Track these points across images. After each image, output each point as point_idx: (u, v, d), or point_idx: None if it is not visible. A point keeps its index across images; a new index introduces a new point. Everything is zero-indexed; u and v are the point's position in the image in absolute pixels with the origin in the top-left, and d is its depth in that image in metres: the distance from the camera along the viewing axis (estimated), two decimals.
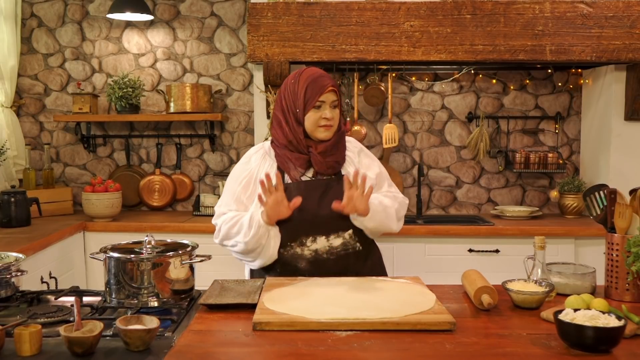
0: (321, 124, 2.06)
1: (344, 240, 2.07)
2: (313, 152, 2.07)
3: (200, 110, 3.76)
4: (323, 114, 2.05)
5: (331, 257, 2.05)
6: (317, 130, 2.07)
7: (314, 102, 2.04)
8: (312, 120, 2.06)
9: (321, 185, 2.08)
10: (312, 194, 2.06)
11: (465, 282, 1.85)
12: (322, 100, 2.05)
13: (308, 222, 2.04)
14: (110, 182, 3.62)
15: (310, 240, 2.05)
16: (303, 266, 2.05)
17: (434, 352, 1.39)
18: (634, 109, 3.42)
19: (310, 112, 2.05)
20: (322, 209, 2.04)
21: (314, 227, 2.05)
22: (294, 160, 2.08)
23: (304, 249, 2.05)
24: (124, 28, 3.97)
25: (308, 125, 2.07)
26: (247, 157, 2.20)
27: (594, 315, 1.42)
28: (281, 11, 3.27)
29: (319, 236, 2.05)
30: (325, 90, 2.04)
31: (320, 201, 2.05)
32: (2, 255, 1.92)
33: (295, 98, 2.07)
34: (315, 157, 2.07)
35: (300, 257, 2.05)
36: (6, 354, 1.39)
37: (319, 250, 2.05)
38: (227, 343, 1.46)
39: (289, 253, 2.06)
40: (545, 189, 3.89)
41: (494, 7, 3.23)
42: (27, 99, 4.04)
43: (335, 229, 2.06)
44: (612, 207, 1.87)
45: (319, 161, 2.07)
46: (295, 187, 2.06)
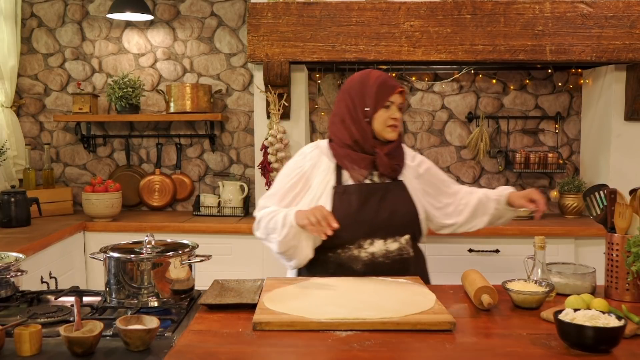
0: (389, 124, 2.08)
1: (400, 245, 2.08)
2: (379, 153, 2.07)
3: (200, 110, 3.76)
4: (392, 114, 2.07)
5: (386, 260, 2.05)
6: (385, 130, 2.08)
7: (384, 101, 2.06)
8: (382, 119, 2.07)
9: (381, 189, 2.08)
10: (372, 197, 2.06)
11: (465, 282, 1.85)
12: (392, 100, 2.07)
13: (367, 225, 2.04)
14: (110, 182, 3.62)
15: (368, 243, 2.04)
16: (359, 268, 2.04)
17: (434, 352, 1.39)
18: (634, 109, 3.42)
19: (380, 111, 2.07)
20: (381, 213, 2.05)
21: (372, 230, 2.04)
22: (358, 160, 2.08)
23: (361, 251, 2.04)
24: (124, 28, 3.97)
25: (377, 125, 2.08)
26: (302, 154, 2.19)
27: (594, 315, 1.42)
28: (281, 11, 3.27)
29: (376, 239, 2.05)
30: (395, 91, 2.07)
31: (380, 205, 2.05)
32: (2, 255, 1.92)
33: (365, 97, 2.08)
34: (381, 158, 2.07)
35: (356, 259, 2.04)
36: (6, 354, 1.39)
37: (376, 253, 2.05)
38: (227, 343, 1.46)
39: (346, 254, 2.04)
40: (545, 189, 3.89)
41: (494, 7, 3.23)
42: (27, 99, 4.04)
43: (393, 233, 2.06)
44: (612, 207, 1.87)
45: (385, 163, 2.07)
46: (356, 190, 2.06)
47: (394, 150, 2.11)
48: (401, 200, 2.08)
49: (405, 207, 2.09)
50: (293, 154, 3.50)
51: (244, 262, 3.41)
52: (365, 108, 2.07)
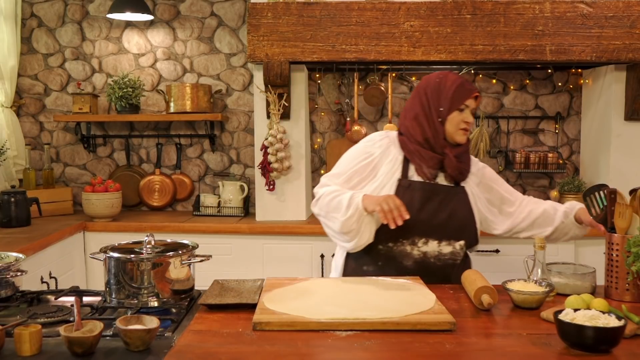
0: (461, 127, 2.08)
1: (453, 249, 2.08)
2: (448, 154, 2.07)
3: (200, 110, 3.76)
4: (465, 117, 2.07)
5: (438, 262, 2.06)
6: (457, 132, 2.08)
7: (460, 104, 2.06)
8: (455, 122, 2.07)
9: (444, 191, 2.08)
10: (435, 198, 2.06)
11: (465, 282, 1.85)
12: (467, 104, 2.07)
13: (425, 224, 2.04)
14: (110, 182, 3.62)
15: (423, 242, 2.05)
16: (409, 265, 2.05)
17: (434, 352, 1.39)
18: (634, 109, 3.42)
19: (454, 113, 2.07)
20: (440, 215, 2.05)
21: (429, 230, 2.05)
22: (427, 159, 2.07)
23: (414, 248, 2.05)
24: (124, 28, 3.97)
25: (449, 127, 2.08)
26: (370, 140, 2.18)
27: (594, 315, 1.42)
28: (281, 11, 3.27)
29: (431, 240, 2.06)
30: (472, 95, 2.08)
31: (440, 207, 2.06)
32: (2, 255, 1.92)
33: (441, 97, 2.08)
34: (450, 159, 2.07)
35: (408, 255, 2.05)
36: (6, 354, 1.39)
37: (428, 253, 2.06)
38: (227, 343, 1.46)
39: (398, 249, 2.05)
40: (545, 189, 3.89)
41: (494, 7, 3.23)
42: (27, 99, 4.04)
43: (449, 237, 2.07)
44: (612, 207, 1.87)
45: (453, 164, 2.07)
46: (420, 187, 2.06)
47: (463, 154, 2.12)
48: (461, 206, 2.09)
49: (463, 213, 2.09)
50: (293, 154, 3.53)
51: (244, 262, 3.41)
52: (440, 108, 2.08)
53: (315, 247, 3.36)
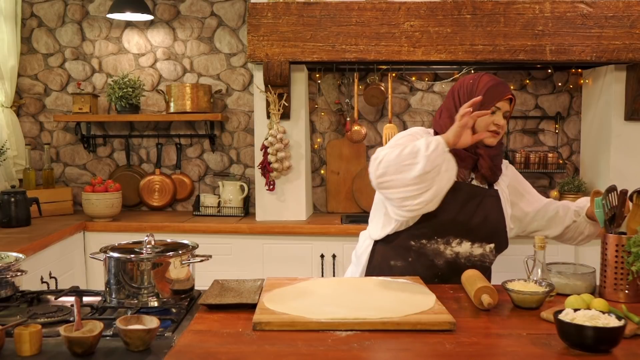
0: (491, 129, 2.04)
1: (484, 251, 2.07)
2: (483, 154, 2.04)
3: (200, 110, 3.76)
4: (495, 119, 2.03)
5: (468, 264, 2.05)
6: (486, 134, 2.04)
7: (490, 105, 2.02)
8: (485, 123, 2.03)
9: (481, 193, 2.06)
10: (473, 200, 2.04)
11: (465, 282, 1.85)
12: (498, 106, 2.03)
13: (462, 225, 2.03)
14: (110, 182, 3.62)
15: (457, 242, 2.04)
16: (440, 263, 2.04)
17: (434, 352, 1.39)
18: (634, 109, 3.42)
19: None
20: (476, 217, 2.04)
21: (464, 230, 2.03)
22: (463, 158, 2.03)
23: (447, 247, 2.04)
24: (124, 28, 3.97)
25: (480, 128, 2.03)
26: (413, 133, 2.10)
27: (594, 315, 1.42)
28: (281, 11, 3.27)
29: (465, 241, 2.05)
30: (504, 97, 2.03)
31: (477, 208, 2.04)
32: (2, 255, 1.92)
33: (473, 96, 2.03)
34: (484, 159, 2.05)
35: (441, 254, 2.04)
36: (6, 354, 1.39)
37: (460, 254, 2.05)
38: (227, 343, 1.46)
39: (432, 247, 2.04)
40: (545, 189, 3.89)
41: (494, 7, 3.23)
42: (27, 99, 4.04)
43: (481, 239, 2.06)
44: (623, 207, 1.86)
45: (487, 165, 2.05)
46: (464, 188, 2.04)
47: (497, 156, 2.09)
48: (494, 209, 2.07)
49: (496, 216, 2.07)
50: (293, 154, 3.53)
51: (244, 262, 3.41)
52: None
53: (315, 247, 3.36)
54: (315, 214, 3.82)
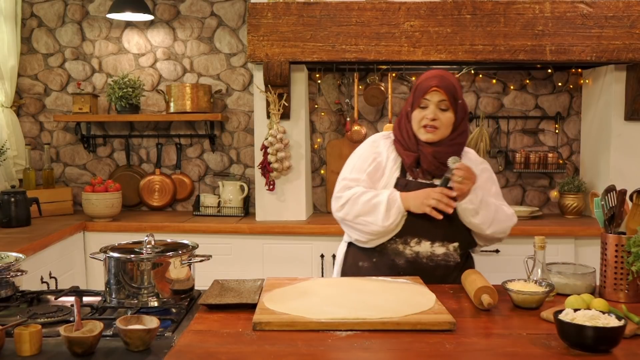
0: (422, 124, 2.04)
1: (447, 251, 2.06)
2: (423, 151, 2.05)
3: (200, 110, 3.76)
4: (426, 113, 2.03)
5: (430, 263, 2.04)
6: (419, 130, 2.06)
7: (419, 100, 2.04)
8: (417, 119, 2.05)
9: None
10: None
11: (465, 282, 1.85)
12: (427, 99, 2.03)
13: (418, 224, 2.02)
14: (110, 182, 3.62)
15: (415, 242, 2.04)
16: (401, 264, 2.04)
17: (434, 352, 1.39)
18: (634, 109, 3.42)
19: (416, 110, 2.06)
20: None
21: (422, 230, 2.03)
22: (404, 156, 2.07)
23: (406, 247, 2.04)
24: (124, 28, 3.97)
25: (413, 124, 2.07)
26: (374, 140, 2.18)
27: (594, 315, 1.42)
28: (281, 11, 3.27)
29: (424, 240, 2.04)
30: (429, 90, 2.02)
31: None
32: (2, 255, 1.92)
33: (410, 96, 2.10)
34: (424, 156, 2.05)
35: (400, 254, 2.05)
36: (6, 354, 1.39)
37: (421, 253, 2.04)
38: (227, 343, 1.46)
39: (392, 247, 2.05)
40: (545, 189, 3.89)
41: (494, 7, 3.23)
42: (27, 99, 4.04)
43: (442, 238, 2.05)
44: (622, 207, 1.86)
45: (429, 161, 2.05)
46: (415, 186, 2.05)
47: (443, 153, 2.04)
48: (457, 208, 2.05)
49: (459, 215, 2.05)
50: (293, 154, 3.53)
51: (244, 262, 3.41)
52: (408, 107, 2.09)
53: (315, 247, 3.36)
54: (315, 214, 3.82)
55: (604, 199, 1.89)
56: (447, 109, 2.03)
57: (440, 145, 2.06)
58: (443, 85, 2.02)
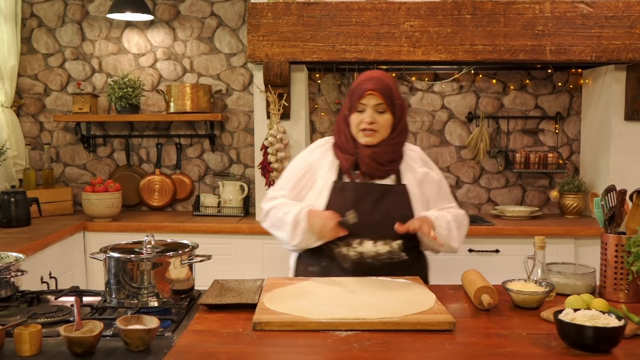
0: (361, 127, 2.03)
1: (391, 248, 2.04)
2: (360, 153, 2.04)
3: (200, 110, 3.76)
4: (364, 117, 2.02)
5: (375, 263, 2.03)
6: (358, 134, 2.05)
7: (356, 104, 2.03)
8: (354, 123, 2.05)
9: (378, 190, 2.04)
10: (367, 198, 2.03)
11: (465, 282, 1.85)
12: (364, 103, 2.01)
13: (357, 225, 2.00)
14: (110, 182, 3.62)
15: (357, 243, 2.03)
16: (347, 266, 2.03)
17: (434, 352, 1.39)
18: (634, 109, 3.42)
19: (354, 114, 2.04)
20: (374, 215, 2.02)
21: (362, 230, 2.01)
22: (342, 160, 2.07)
23: (350, 249, 2.03)
24: (124, 28, 3.97)
25: (352, 128, 2.06)
26: (312, 148, 2.20)
27: (594, 315, 1.42)
28: (281, 11, 3.27)
29: (366, 240, 2.03)
30: (365, 94, 2.00)
31: (374, 206, 2.03)
32: (2, 255, 1.92)
33: (347, 100, 2.09)
34: (362, 158, 2.04)
35: (345, 256, 2.04)
36: (6, 354, 1.39)
37: (365, 254, 2.03)
38: (227, 343, 1.46)
39: (336, 250, 2.04)
40: (545, 189, 3.89)
41: (494, 7, 3.23)
42: (27, 99, 4.04)
43: (384, 236, 2.02)
44: (622, 207, 1.86)
45: (367, 163, 2.04)
46: (353, 187, 2.05)
47: (382, 154, 2.03)
48: (399, 204, 2.04)
49: (401, 212, 2.04)
50: (293, 154, 3.53)
51: (244, 262, 3.41)
52: (347, 110, 2.08)
53: None
54: None
55: (604, 199, 1.89)
56: (385, 111, 2.03)
57: (379, 146, 2.05)
58: (378, 88, 2.00)
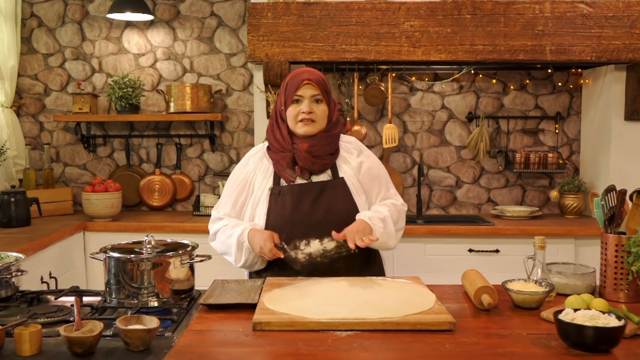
0: (299, 119, 2.03)
1: (337, 243, 2.02)
2: (297, 147, 2.04)
3: (200, 110, 3.76)
4: (302, 107, 2.02)
5: (325, 260, 2.03)
6: (296, 125, 2.04)
7: (292, 96, 2.03)
8: (292, 115, 2.04)
9: (315, 188, 2.05)
10: (306, 197, 2.03)
11: (465, 282, 1.85)
12: (300, 94, 2.02)
13: (302, 226, 2.01)
14: (110, 182, 3.62)
15: (304, 244, 2.02)
16: (298, 269, 2.03)
17: (434, 352, 1.39)
18: (634, 109, 3.42)
19: (290, 107, 2.04)
20: (315, 213, 2.02)
21: (307, 230, 2.01)
22: (280, 160, 2.06)
23: (298, 252, 2.02)
24: (124, 28, 3.97)
25: (289, 121, 2.06)
26: (246, 159, 2.19)
27: (594, 315, 1.42)
28: (281, 11, 3.27)
29: (312, 239, 2.02)
30: (302, 84, 2.02)
31: (314, 205, 2.02)
32: (2, 255, 1.92)
33: (281, 95, 2.08)
34: (299, 153, 2.04)
35: (295, 260, 2.03)
36: (6, 354, 1.39)
37: (313, 254, 2.02)
38: (227, 343, 1.46)
39: (286, 254, 2.03)
40: (545, 189, 3.89)
41: (494, 7, 3.23)
42: (27, 99, 4.04)
43: (328, 233, 2.00)
44: (622, 207, 1.86)
45: (303, 157, 2.03)
46: (289, 190, 2.04)
47: (317, 146, 2.04)
48: (339, 198, 2.04)
49: (342, 205, 2.04)
50: None
51: None
52: (281, 107, 2.07)
53: None
54: None
55: (604, 199, 1.89)
56: (321, 101, 2.05)
57: (316, 138, 2.05)
58: (314, 79, 2.03)
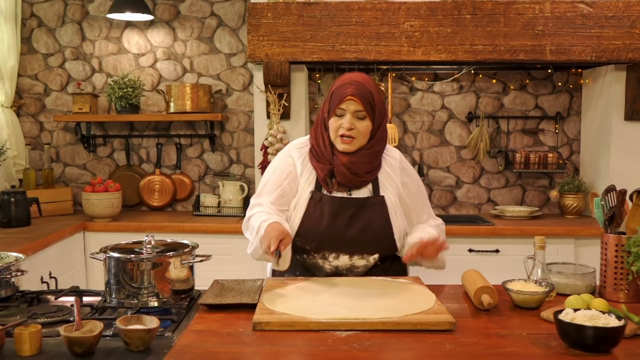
0: (339, 133, 1.94)
1: (367, 262, 2.00)
2: (337, 162, 1.96)
3: (200, 110, 3.76)
4: (343, 122, 1.93)
5: (350, 274, 2.01)
6: (336, 140, 1.96)
7: (334, 109, 1.94)
8: (333, 127, 1.96)
9: (355, 203, 1.98)
10: (344, 212, 1.97)
11: (465, 282, 1.85)
12: (343, 108, 1.93)
13: (335, 240, 1.96)
14: (110, 182, 3.62)
15: (333, 257, 1.99)
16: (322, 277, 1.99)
17: (434, 352, 1.39)
18: (634, 109, 3.42)
19: (332, 118, 1.96)
20: (351, 229, 1.96)
21: (339, 245, 1.97)
22: (318, 170, 1.99)
23: (325, 262, 2.00)
24: (124, 28, 3.97)
25: (331, 132, 1.97)
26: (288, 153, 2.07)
27: (594, 315, 1.42)
28: (281, 11, 3.27)
29: (342, 254, 1.98)
30: (345, 99, 1.92)
31: (351, 220, 1.97)
32: (2, 255, 1.92)
33: (326, 102, 2.00)
34: (338, 167, 1.96)
35: (320, 268, 2.01)
36: (6, 354, 1.39)
37: (340, 267, 1.99)
38: (227, 343, 1.46)
39: (311, 261, 2.01)
40: (545, 189, 3.89)
41: (494, 7, 3.23)
42: (27, 99, 4.04)
43: (361, 251, 1.98)
44: (622, 207, 1.86)
45: (342, 172, 1.96)
46: (330, 201, 1.97)
47: (359, 164, 1.96)
48: (377, 217, 1.97)
49: (378, 224, 1.98)
50: None
51: (244, 262, 3.40)
52: (325, 114, 1.99)
53: None
54: None
55: (604, 199, 1.89)
56: (364, 118, 1.95)
57: (356, 155, 1.97)
58: (358, 94, 1.92)
